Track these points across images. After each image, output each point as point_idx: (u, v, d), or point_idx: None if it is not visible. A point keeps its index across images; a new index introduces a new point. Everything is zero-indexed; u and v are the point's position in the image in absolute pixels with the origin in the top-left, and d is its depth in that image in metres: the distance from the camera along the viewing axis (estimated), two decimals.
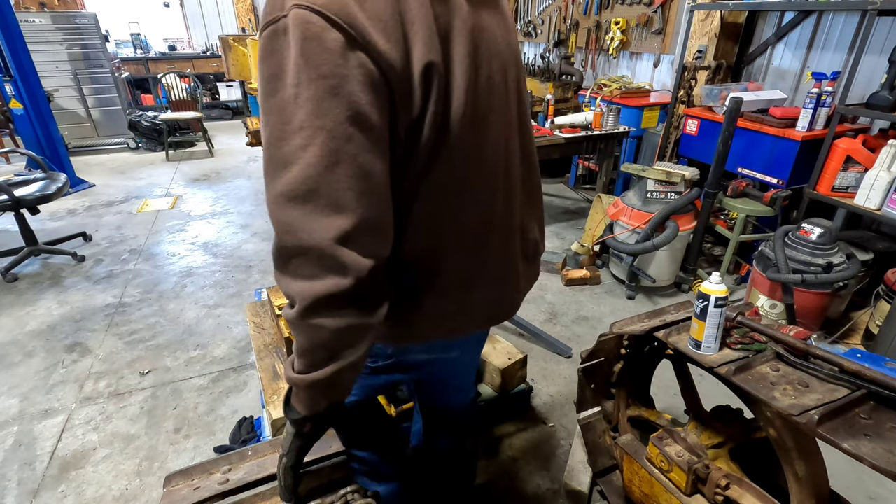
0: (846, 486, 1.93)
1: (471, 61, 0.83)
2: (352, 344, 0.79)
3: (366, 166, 0.72)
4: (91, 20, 6.23)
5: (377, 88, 0.72)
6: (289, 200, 0.71)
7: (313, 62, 0.68)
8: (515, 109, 1.00)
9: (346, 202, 0.71)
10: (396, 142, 0.78)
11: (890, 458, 0.98)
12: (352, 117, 0.70)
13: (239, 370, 2.61)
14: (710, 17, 3.82)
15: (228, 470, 1.15)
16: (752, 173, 3.26)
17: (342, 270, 0.72)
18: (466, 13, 0.82)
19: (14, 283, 3.46)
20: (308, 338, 0.78)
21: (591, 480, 1.86)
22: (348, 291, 0.73)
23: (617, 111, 3.83)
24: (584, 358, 1.80)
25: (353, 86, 0.69)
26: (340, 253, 0.71)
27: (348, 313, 0.76)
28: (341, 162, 0.70)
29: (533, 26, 6.32)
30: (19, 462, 2.08)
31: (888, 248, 2.84)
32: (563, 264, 3.57)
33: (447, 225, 0.90)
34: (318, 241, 0.70)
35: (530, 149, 1.10)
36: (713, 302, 1.31)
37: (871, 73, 3.07)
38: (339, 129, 0.69)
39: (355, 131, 0.70)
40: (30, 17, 5.84)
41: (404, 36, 0.73)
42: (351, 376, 0.85)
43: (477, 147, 0.89)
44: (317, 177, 0.69)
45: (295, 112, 0.69)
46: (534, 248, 1.16)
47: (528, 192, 1.09)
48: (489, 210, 0.96)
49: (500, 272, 1.04)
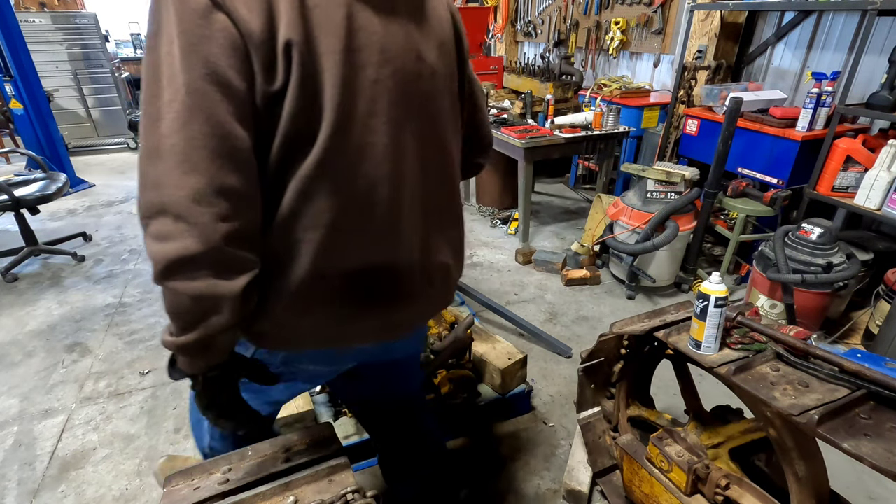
0: (846, 486, 1.93)
1: (346, 58, 0.82)
2: (214, 310, 0.78)
3: (223, 127, 0.73)
4: (91, 20, 6.23)
5: (238, 53, 0.74)
6: (151, 155, 0.72)
7: (179, 21, 0.71)
8: (430, 124, 0.98)
9: (200, 161, 0.72)
10: (257, 113, 0.79)
11: (890, 458, 0.98)
12: (208, 75, 0.72)
13: None
14: (710, 17, 3.82)
15: (228, 470, 1.15)
16: (752, 173, 3.26)
17: (193, 232, 0.72)
18: (352, 12, 0.83)
19: (14, 283, 3.46)
20: (169, 302, 0.79)
21: (591, 480, 1.87)
22: (200, 256, 0.73)
23: (617, 111, 3.83)
24: (584, 358, 1.80)
25: (212, 47, 0.72)
26: (193, 212, 0.71)
27: (202, 277, 0.75)
28: (195, 119, 0.71)
29: (533, 26, 6.33)
30: (19, 462, 2.08)
31: (888, 248, 2.84)
32: (563, 264, 3.58)
33: (313, 227, 0.88)
34: (172, 198, 0.71)
35: (449, 172, 1.08)
36: (713, 302, 1.31)
37: (871, 73, 3.07)
38: (195, 85, 0.71)
39: (212, 90, 0.72)
40: (30, 17, 5.84)
41: (269, 9, 0.75)
42: (224, 339, 0.85)
43: (356, 149, 0.87)
44: (175, 133, 0.71)
45: (163, 69, 0.72)
46: (442, 272, 1.11)
47: (438, 214, 1.06)
48: (367, 219, 0.93)
49: (381, 287, 0.99)
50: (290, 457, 1.19)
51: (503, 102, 4.62)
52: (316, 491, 1.10)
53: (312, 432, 1.28)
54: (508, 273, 3.62)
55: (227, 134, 0.74)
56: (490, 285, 3.44)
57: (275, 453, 1.21)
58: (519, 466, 2.05)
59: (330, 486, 1.12)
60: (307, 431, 1.29)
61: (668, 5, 4.43)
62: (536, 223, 4.47)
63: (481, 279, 3.53)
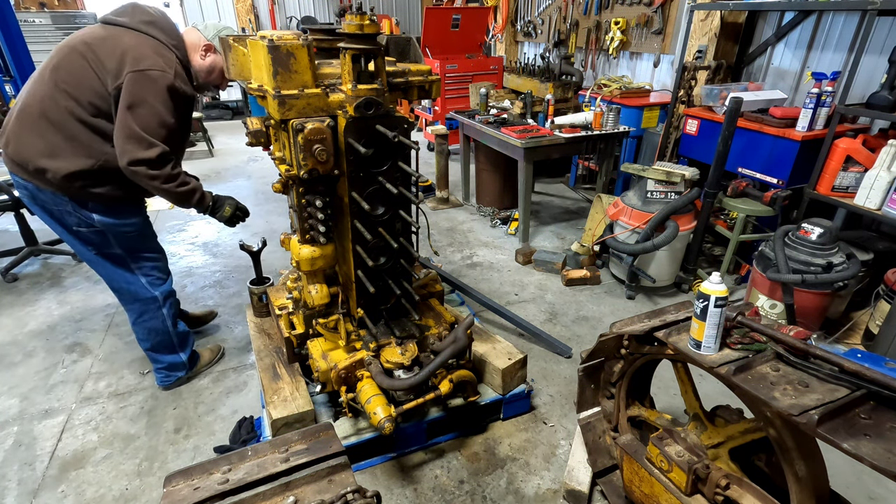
0: (846, 486, 1.93)
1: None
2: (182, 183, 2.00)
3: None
4: (91, 20, 6.23)
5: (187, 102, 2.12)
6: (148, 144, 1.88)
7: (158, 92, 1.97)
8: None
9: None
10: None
11: (890, 458, 0.98)
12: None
13: (239, 370, 2.61)
14: (710, 17, 3.82)
15: (228, 470, 1.15)
16: (752, 173, 3.26)
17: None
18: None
19: (14, 283, 3.46)
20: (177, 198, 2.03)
21: (591, 480, 1.87)
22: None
23: (617, 111, 3.83)
24: (584, 358, 1.80)
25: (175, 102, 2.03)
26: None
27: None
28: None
29: (533, 26, 6.33)
30: (19, 462, 2.08)
31: (888, 248, 2.84)
32: (563, 264, 3.58)
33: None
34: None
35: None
36: (713, 302, 1.31)
37: (871, 73, 3.08)
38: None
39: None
40: (30, 17, 5.85)
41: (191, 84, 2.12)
42: (200, 190, 2.08)
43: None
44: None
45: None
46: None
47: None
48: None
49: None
50: (289, 457, 1.19)
51: (503, 102, 4.61)
52: (316, 491, 1.11)
53: (312, 432, 1.29)
54: (508, 273, 3.62)
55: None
56: (490, 285, 3.44)
57: (275, 453, 1.21)
58: (519, 466, 2.05)
59: (330, 486, 1.12)
60: (307, 431, 1.29)
61: (668, 5, 4.43)
62: (536, 223, 4.47)
63: (481, 279, 3.53)
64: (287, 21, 8.78)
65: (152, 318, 2.28)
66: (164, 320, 2.30)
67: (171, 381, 2.47)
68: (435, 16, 6.11)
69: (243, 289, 3.35)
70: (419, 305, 2.14)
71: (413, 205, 1.92)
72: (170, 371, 2.45)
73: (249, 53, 1.75)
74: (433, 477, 2.01)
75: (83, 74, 1.81)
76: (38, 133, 1.84)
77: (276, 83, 1.58)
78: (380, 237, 1.88)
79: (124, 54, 1.81)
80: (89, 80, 1.81)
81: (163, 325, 2.30)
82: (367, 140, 1.71)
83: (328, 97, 1.67)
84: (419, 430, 2.08)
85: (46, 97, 1.83)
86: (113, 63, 1.80)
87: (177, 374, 2.47)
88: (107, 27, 1.91)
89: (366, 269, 1.92)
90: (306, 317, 2.12)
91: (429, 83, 1.89)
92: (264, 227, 4.40)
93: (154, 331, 2.31)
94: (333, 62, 1.90)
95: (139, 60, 1.81)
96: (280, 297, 2.45)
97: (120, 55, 1.81)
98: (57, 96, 1.82)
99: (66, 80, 1.82)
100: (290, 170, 1.76)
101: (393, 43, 2.08)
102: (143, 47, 1.85)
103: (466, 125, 4.38)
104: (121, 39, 1.85)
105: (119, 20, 1.91)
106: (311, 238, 1.88)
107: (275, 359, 2.28)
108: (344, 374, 1.94)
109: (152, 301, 2.25)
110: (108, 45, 1.83)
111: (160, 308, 2.27)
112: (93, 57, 1.81)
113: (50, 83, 1.83)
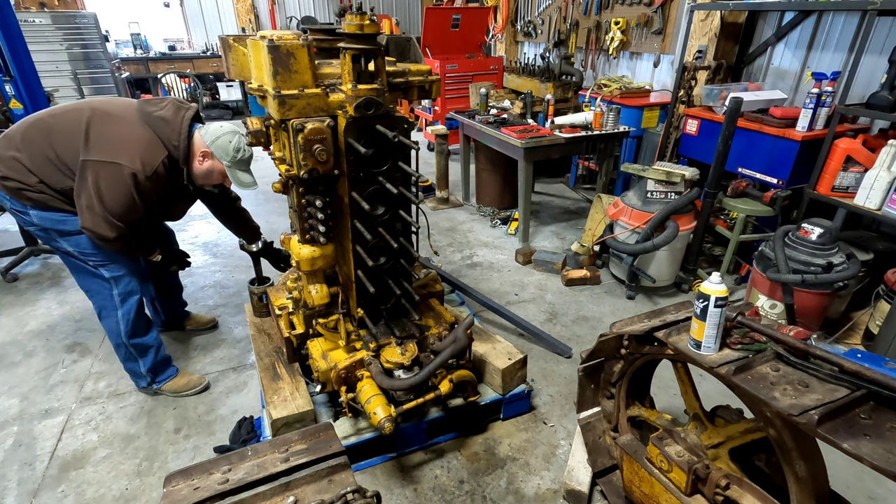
0: (846, 486, 1.93)
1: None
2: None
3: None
4: (91, 20, 6.24)
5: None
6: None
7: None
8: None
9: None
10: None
11: (890, 458, 0.98)
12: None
13: (239, 370, 2.61)
14: (710, 17, 3.82)
15: (228, 470, 1.15)
16: (752, 173, 3.26)
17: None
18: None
19: (14, 283, 3.46)
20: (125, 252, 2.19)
21: (591, 480, 1.87)
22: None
23: (617, 111, 3.83)
24: (584, 358, 1.80)
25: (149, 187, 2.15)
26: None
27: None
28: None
29: (533, 26, 6.33)
30: (19, 462, 2.08)
31: (888, 248, 2.84)
32: (563, 264, 3.58)
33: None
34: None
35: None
36: (713, 302, 1.31)
37: (871, 73, 3.08)
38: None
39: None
40: (30, 17, 5.85)
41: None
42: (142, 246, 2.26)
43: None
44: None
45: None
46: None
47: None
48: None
49: None
50: (289, 457, 1.19)
51: (503, 102, 4.62)
52: (316, 491, 1.11)
53: (312, 432, 1.29)
54: (508, 273, 3.62)
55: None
56: (490, 285, 3.44)
57: (274, 453, 1.21)
58: (519, 466, 2.05)
59: (330, 486, 1.12)
60: (307, 431, 1.29)
61: (668, 5, 4.43)
62: (536, 223, 4.47)
63: (481, 279, 3.53)
64: (287, 21, 8.79)
65: (108, 317, 2.24)
66: (117, 322, 2.23)
67: (141, 387, 2.43)
68: (435, 16, 6.11)
69: (243, 289, 3.35)
70: (419, 305, 2.14)
71: (413, 205, 1.92)
72: (133, 376, 2.42)
73: (249, 53, 1.75)
74: (433, 477, 2.01)
75: (74, 130, 1.97)
76: (14, 148, 1.99)
77: (276, 83, 1.59)
78: (380, 237, 1.88)
79: (109, 140, 1.98)
80: (74, 141, 1.96)
81: (116, 327, 2.24)
82: (367, 140, 1.71)
83: (328, 97, 1.68)
84: (419, 430, 2.08)
85: (34, 128, 2.00)
86: (94, 141, 1.97)
87: (139, 383, 2.42)
88: (128, 107, 2.09)
89: (366, 269, 1.92)
90: (306, 317, 2.12)
91: (429, 83, 1.89)
92: (264, 227, 4.37)
93: (110, 331, 2.26)
94: (333, 62, 1.90)
95: (109, 151, 1.96)
96: (280, 297, 2.45)
97: (105, 140, 1.98)
98: (43, 135, 1.99)
99: (61, 129, 1.99)
100: (290, 170, 1.76)
101: (393, 43, 2.08)
102: (130, 141, 1.99)
103: (466, 125, 4.38)
104: (116, 126, 2.01)
105: (147, 108, 2.07)
106: (311, 238, 1.89)
107: (275, 359, 2.28)
108: (344, 374, 1.94)
109: (109, 299, 2.21)
110: (106, 123, 2.00)
111: (117, 309, 2.22)
112: (87, 126, 1.97)
113: (47, 118, 2.03)
